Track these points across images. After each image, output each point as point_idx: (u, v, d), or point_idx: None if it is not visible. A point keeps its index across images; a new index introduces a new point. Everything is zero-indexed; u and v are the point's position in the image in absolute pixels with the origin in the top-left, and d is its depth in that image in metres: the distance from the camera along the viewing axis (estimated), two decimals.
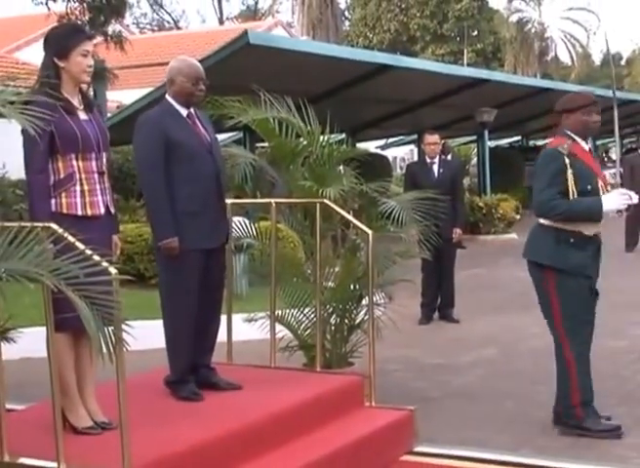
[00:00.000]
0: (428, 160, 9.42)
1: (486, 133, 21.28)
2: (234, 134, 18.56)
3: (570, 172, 5.16)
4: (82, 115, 4.19)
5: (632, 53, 57.40)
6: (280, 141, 6.19)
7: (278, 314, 5.95)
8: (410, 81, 16.48)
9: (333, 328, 6.14)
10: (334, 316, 6.13)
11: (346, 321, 6.16)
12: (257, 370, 5.58)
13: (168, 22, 53.81)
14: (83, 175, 4.13)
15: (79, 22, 13.50)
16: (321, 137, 6.23)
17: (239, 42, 11.86)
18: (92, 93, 16.42)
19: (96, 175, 4.19)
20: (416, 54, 45.24)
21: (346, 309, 6.14)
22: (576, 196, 5.16)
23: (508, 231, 18.86)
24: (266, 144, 6.76)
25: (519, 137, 32.94)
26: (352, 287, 6.14)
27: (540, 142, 29.97)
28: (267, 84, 6.15)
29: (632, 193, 5.28)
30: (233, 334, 5.74)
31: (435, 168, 9.30)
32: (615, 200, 5.19)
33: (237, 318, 6.02)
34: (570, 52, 56.85)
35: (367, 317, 5.58)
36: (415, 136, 25.54)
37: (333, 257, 6.37)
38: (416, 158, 29.67)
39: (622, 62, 58.42)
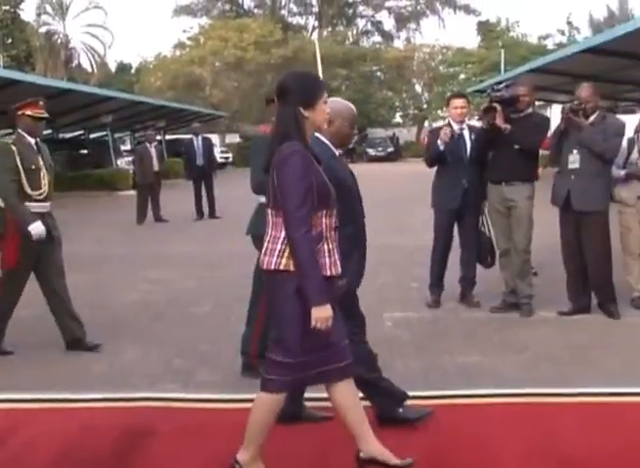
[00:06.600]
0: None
1: None
2: None
3: None
4: (319, 167, 3.51)
5: (140, 64, 61.81)
6: None
7: None
8: None
9: None
10: None
11: None
12: None
13: None
14: (328, 234, 3.48)
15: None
16: None
17: None
18: None
19: (334, 233, 3.52)
20: None
21: None
22: None
23: None
24: None
25: (50, 131, 34.07)
26: None
27: (68, 135, 31.24)
28: None
29: None
30: None
31: None
32: None
33: None
34: (90, 60, 60.41)
35: None
36: None
37: None
38: None
39: (133, 71, 63.11)
